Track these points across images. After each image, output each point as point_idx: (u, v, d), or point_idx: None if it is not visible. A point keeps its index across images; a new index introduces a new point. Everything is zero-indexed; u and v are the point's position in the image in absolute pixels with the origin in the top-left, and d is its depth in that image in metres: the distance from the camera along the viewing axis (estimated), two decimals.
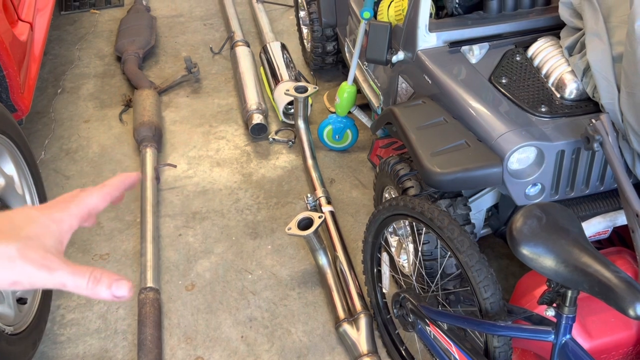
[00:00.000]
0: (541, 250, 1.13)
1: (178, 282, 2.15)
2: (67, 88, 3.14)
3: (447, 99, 1.79)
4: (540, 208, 1.19)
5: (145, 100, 2.81)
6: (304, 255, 2.23)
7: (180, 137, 2.81)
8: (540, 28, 1.93)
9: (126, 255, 2.25)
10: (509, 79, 1.78)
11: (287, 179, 2.58)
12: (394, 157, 1.91)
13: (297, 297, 2.09)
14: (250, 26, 3.59)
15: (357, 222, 2.37)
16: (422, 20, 1.90)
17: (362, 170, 2.61)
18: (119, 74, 3.22)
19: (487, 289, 1.39)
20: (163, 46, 3.47)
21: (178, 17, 3.74)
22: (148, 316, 1.93)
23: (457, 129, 1.72)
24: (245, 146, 2.75)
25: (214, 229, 2.35)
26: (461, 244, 1.43)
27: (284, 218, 2.38)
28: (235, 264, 2.21)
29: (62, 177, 2.60)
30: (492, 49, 1.89)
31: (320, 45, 2.93)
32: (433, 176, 1.61)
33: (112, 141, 2.79)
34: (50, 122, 2.91)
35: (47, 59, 3.33)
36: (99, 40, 3.53)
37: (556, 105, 1.70)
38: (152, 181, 2.46)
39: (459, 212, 1.75)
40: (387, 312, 1.87)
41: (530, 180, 1.63)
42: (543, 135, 1.61)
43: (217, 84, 3.15)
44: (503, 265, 2.14)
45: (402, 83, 2.07)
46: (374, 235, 1.79)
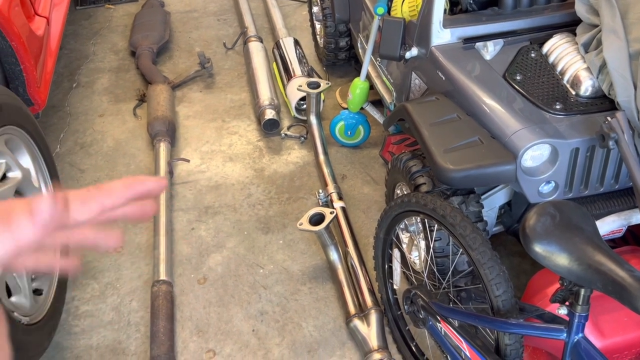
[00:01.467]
0: (554, 248, 1.12)
1: (190, 275, 2.17)
2: (82, 82, 3.17)
3: (461, 96, 1.79)
4: (554, 206, 1.18)
5: (159, 95, 2.83)
6: (315, 251, 2.24)
7: (193, 131, 2.83)
8: (555, 24, 1.91)
9: (139, 249, 2.28)
10: (523, 76, 1.77)
11: (298, 174, 2.59)
12: (406, 154, 1.91)
13: (308, 292, 2.10)
14: (263, 22, 3.60)
15: (368, 218, 2.37)
16: (436, 16, 1.89)
17: (373, 167, 2.61)
18: (133, 68, 3.25)
19: (499, 287, 1.38)
20: (177, 41, 3.49)
21: (192, 12, 3.76)
22: (161, 309, 1.95)
23: (470, 126, 1.71)
24: (257, 141, 2.76)
25: (226, 224, 2.37)
26: (473, 241, 1.43)
27: (295, 213, 2.39)
28: (247, 259, 2.23)
29: (76, 171, 2.63)
30: (507, 46, 1.87)
31: (333, 41, 2.93)
32: (446, 173, 1.61)
33: (126, 135, 2.81)
34: (65, 116, 2.94)
35: (63, 53, 3.36)
36: (114, 35, 3.55)
37: (571, 102, 1.68)
38: (166, 175, 2.48)
39: (472, 209, 1.74)
40: (398, 308, 1.88)
41: (543, 177, 1.62)
42: (557, 133, 1.60)
43: (230, 79, 3.17)
44: (515, 263, 2.13)
45: (415, 79, 2.07)
46: (385, 231, 1.79)
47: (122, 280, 2.16)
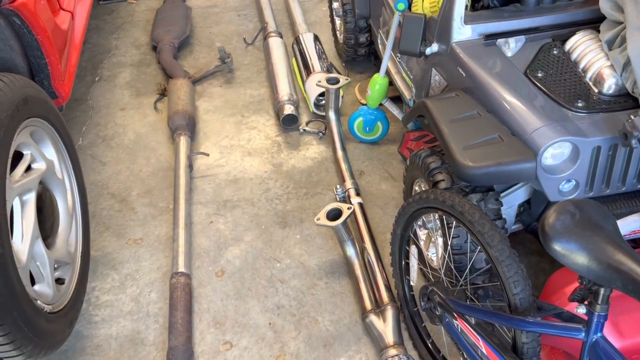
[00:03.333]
0: (574, 246, 1.11)
1: (208, 268, 2.20)
2: (105, 76, 3.22)
3: (481, 92, 1.78)
4: (574, 204, 1.17)
5: (180, 89, 2.86)
6: (332, 246, 2.25)
7: (213, 126, 2.85)
8: (578, 21, 1.89)
9: (159, 241, 2.31)
10: (545, 73, 1.75)
11: (316, 169, 2.60)
12: (425, 150, 1.90)
13: (325, 286, 2.11)
14: (283, 17, 3.61)
15: (385, 214, 2.37)
16: (458, 12, 1.88)
17: (391, 163, 2.61)
18: (155, 63, 3.29)
19: (517, 285, 1.38)
20: (198, 36, 3.51)
21: (213, 7, 3.78)
22: (179, 300, 1.98)
23: (490, 123, 1.70)
24: (276, 136, 2.78)
25: (244, 217, 2.39)
26: (492, 238, 1.42)
27: (312, 208, 2.40)
28: (264, 252, 2.25)
29: (98, 163, 2.67)
30: (529, 42, 1.86)
31: (353, 37, 2.93)
32: (465, 170, 1.60)
33: (147, 129, 2.85)
34: (88, 110, 2.99)
35: (86, 47, 3.41)
36: (136, 30, 3.60)
37: (593, 100, 1.67)
38: (185, 169, 2.51)
39: (490, 206, 1.73)
40: (414, 304, 1.88)
41: (564, 176, 1.60)
42: (579, 131, 1.58)
43: (250, 75, 3.19)
44: (533, 261, 2.12)
45: (436, 75, 2.06)
46: (403, 227, 1.79)
47: (141, 272, 2.19)
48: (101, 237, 2.33)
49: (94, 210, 2.43)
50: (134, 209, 2.45)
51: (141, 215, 2.42)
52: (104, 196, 2.51)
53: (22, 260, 1.61)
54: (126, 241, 2.32)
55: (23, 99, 1.67)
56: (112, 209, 2.45)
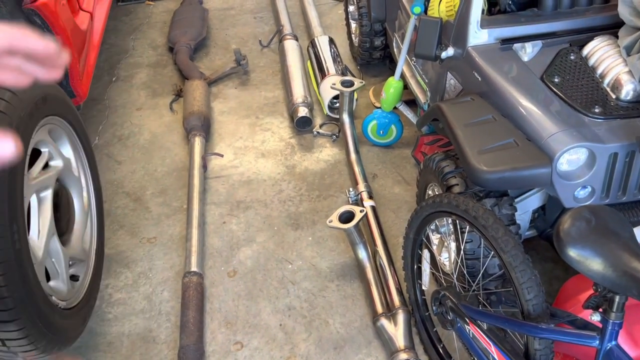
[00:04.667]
0: (589, 253, 1.10)
1: (221, 268, 2.21)
2: (122, 76, 3.25)
3: (497, 97, 1.77)
4: (590, 210, 1.16)
5: (195, 90, 2.88)
6: (344, 249, 2.24)
7: (227, 127, 2.87)
8: (597, 27, 1.87)
9: (172, 240, 2.32)
10: (561, 78, 1.74)
11: (329, 172, 2.60)
12: (439, 154, 1.90)
13: (336, 289, 2.11)
14: (299, 20, 3.62)
15: (398, 218, 2.36)
16: (474, 16, 1.87)
17: (405, 167, 2.60)
18: (171, 64, 3.32)
19: (531, 291, 1.37)
20: (214, 38, 3.54)
21: (229, 9, 3.81)
22: (191, 299, 1.99)
23: (505, 128, 1.69)
24: (289, 138, 2.79)
25: (257, 218, 2.40)
26: (505, 243, 1.41)
27: (325, 211, 2.41)
28: (276, 254, 2.25)
29: (114, 162, 2.70)
30: (545, 47, 1.85)
31: (368, 40, 2.93)
32: (479, 174, 1.60)
33: (162, 129, 2.88)
34: (104, 109, 3.02)
35: (104, 48, 3.45)
36: (153, 31, 3.63)
37: (611, 106, 1.65)
38: (200, 169, 2.52)
39: (504, 212, 1.72)
40: (426, 309, 1.87)
41: (580, 182, 1.59)
42: (595, 137, 1.57)
43: (265, 77, 3.20)
44: (547, 268, 2.10)
45: (451, 79, 2.05)
46: (415, 231, 1.78)
47: (154, 270, 2.21)
48: (115, 236, 2.35)
49: (109, 209, 2.45)
50: (148, 208, 2.47)
51: (155, 215, 2.44)
52: (119, 195, 2.53)
53: (38, 256, 1.63)
54: (140, 240, 2.34)
55: (42, 97, 1.69)
56: (127, 207, 2.48)
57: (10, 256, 1.44)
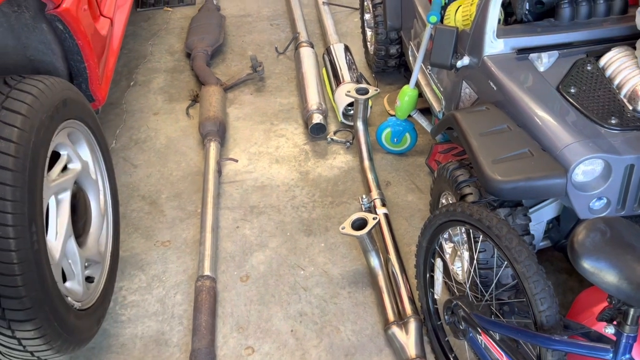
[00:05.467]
0: (604, 265, 1.10)
1: (233, 272, 2.22)
2: (139, 81, 3.30)
3: (512, 106, 1.77)
4: (605, 222, 1.16)
5: (212, 96, 2.91)
6: (356, 256, 2.25)
7: (242, 133, 2.89)
8: (614, 37, 1.86)
9: (186, 244, 2.35)
10: (578, 89, 1.73)
11: (343, 179, 2.61)
12: (453, 163, 1.90)
13: (348, 296, 2.11)
14: (315, 27, 3.65)
15: (411, 226, 2.36)
16: (490, 25, 1.88)
17: (419, 175, 2.60)
18: (188, 69, 3.35)
19: (544, 302, 1.36)
20: (231, 44, 3.58)
21: (246, 16, 3.85)
22: (204, 303, 2.01)
23: (520, 137, 1.69)
24: (304, 145, 2.80)
25: (270, 224, 2.41)
26: (519, 254, 1.41)
27: (338, 217, 2.41)
28: (288, 259, 2.26)
29: (130, 166, 2.73)
30: (562, 58, 1.84)
31: (384, 48, 2.94)
32: (493, 184, 1.59)
33: (178, 134, 2.91)
34: (122, 113, 3.06)
35: (122, 53, 3.50)
36: (171, 37, 3.68)
37: (628, 117, 1.64)
38: (214, 174, 2.55)
39: (519, 222, 1.72)
40: (438, 318, 1.86)
41: (595, 193, 1.58)
42: (611, 148, 1.56)
43: (280, 83, 3.23)
44: (561, 280, 2.08)
45: (466, 88, 2.06)
46: (428, 240, 1.78)
47: (168, 274, 2.23)
48: (130, 238, 2.38)
49: (125, 212, 2.48)
50: (163, 211, 2.50)
51: (170, 218, 2.47)
52: (135, 198, 2.57)
53: (55, 257, 1.66)
54: (154, 243, 2.36)
55: (62, 100, 1.73)
56: (142, 211, 2.51)
57: (28, 257, 1.47)
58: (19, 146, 1.48)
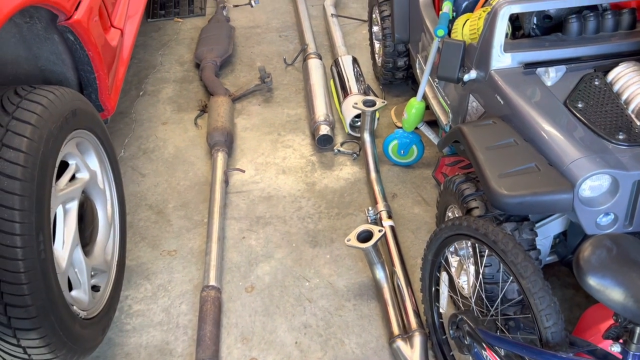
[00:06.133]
0: (609, 282, 1.09)
1: (239, 283, 2.23)
2: (149, 91, 3.33)
3: (519, 121, 1.77)
4: (611, 238, 1.15)
5: (220, 106, 2.93)
6: (362, 268, 2.24)
7: (250, 143, 2.91)
8: (622, 53, 1.86)
9: (192, 253, 2.35)
10: (585, 104, 1.73)
11: (349, 190, 2.61)
12: (459, 176, 1.90)
13: (353, 308, 2.11)
14: (323, 39, 3.67)
15: (417, 239, 2.36)
16: (498, 40, 1.88)
17: (425, 187, 2.60)
18: (197, 80, 3.38)
19: (549, 318, 1.35)
20: (239, 55, 3.60)
21: (255, 28, 3.88)
22: (208, 313, 2.01)
23: (527, 152, 1.69)
24: (310, 156, 2.81)
25: (276, 235, 2.41)
26: (525, 269, 1.40)
27: (343, 229, 2.41)
28: (293, 270, 2.26)
29: (138, 175, 2.75)
30: (569, 72, 1.84)
31: (392, 61, 2.95)
32: (500, 198, 1.59)
33: (186, 144, 2.93)
34: (131, 123, 3.09)
35: (132, 62, 3.54)
36: (181, 47, 3.72)
37: (635, 133, 1.63)
38: (221, 184, 2.56)
39: (525, 236, 1.71)
40: (443, 332, 1.85)
41: (602, 209, 1.57)
42: (619, 164, 1.55)
43: (288, 94, 3.24)
44: (568, 295, 2.06)
45: (473, 102, 2.06)
46: (434, 253, 1.78)
47: (173, 283, 2.24)
48: (137, 247, 2.39)
49: (132, 221, 2.50)
50: (170, 221, 2.51)
51: (176, 228, 2.48)
52: (142, 207, 2.58)
53: (61, 266, 1.67)
54: (160, 252, 2.37)
55: (72, 111, 1.75)
56: (149, 220, 2.52)
57: (35, 265, 1.48)
58: (28, 156, 1.50)
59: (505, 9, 1.85)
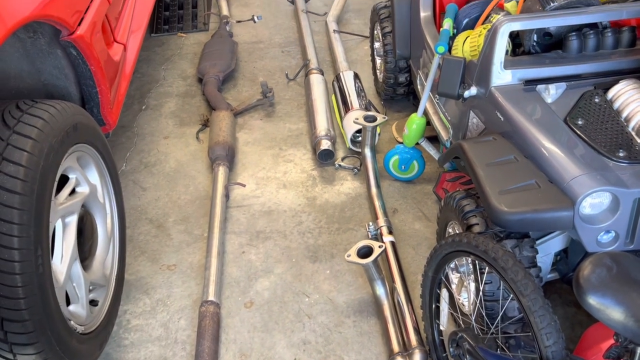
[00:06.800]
0: (609, 301, 1.08)
1: (238, 298, 2.21)
2: (151, 105, 3.35)
3: (519, 137, 1.76)
4: (611, 257, 1.14)
5: (222, 121, 2.94)
6: (362, 284, 2.23)
7: (251, 157, 2.91)
8: (622, 70, 1.86)
9: (191, 268, 2.34)
10: (585, 121, 1.73)
11: (350, 205, 2.61)
12: (460, 192, 1.89)
13: (352, 325, 2.09)
14: (325, 55, 3.69)
15: (418, 254, 2.34)
16: (498, 57, 1.89)
17: (426, 203, 2.59)
18: (199, 94, 3.40)
19: (550, 336, 1.34)
20: (242, 70, 3.63)
21: (258, 43, 3.91)
22: (207, 329, 2.00)
23: (527, 169, 1.68)
24: (311, 170, 2.81)
25: (276, 249, 2.40)
26: (525, 287, 1.39)
27: (344, 244, 2.40)
28: (293, 286, 2.25)
29: (139, 189, 2.75)
30: (570, 89, 1.84)
31: (393, 76, 2.97)
32: (500, 215, 1.58)
33: (187, 158, 2.93)
34: (133, 136, 3.10)
35: (135, 77, 3.56)
36: (184, 62, 3.74)
37: (636, 150, 1.63)
38: (222, 198, 2.56)
39: (525, 254, 1.70)
40: (443, 350, 1.83)
41: (603, 226, 1.56)
42: (619, 181, 1.55)
43: (290, 109, 3.25)
44: (570, 313, 2.05)
45: (473, 118, 2.06)
46: (434, 270, 1.77)
47: (172, 298, 2.23)
48: (136, 262, 2.38)
49: (132, 235, 2.49)
50: (170, 235, 2.50)
51: (176, 242, 2.47)
52: (142, 221, 2.58)
53: (59, 281, 1.66)
54: (160, 267, 2.36)
55: (73, 125, 1.75)
56: (149, 234, 2.52)
57: (32, 280, 1.48)
58: (28, 170, 1.50)
59: (505, 26, 1.86)
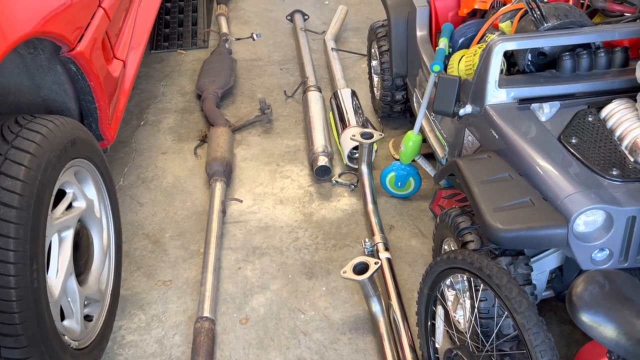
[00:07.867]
0: (602, 319, 1.08)
1: (233, 314, 2.21)
2: (150, 121, 3.37)
3: (514, 155, 1.78)
4: (604, 275, 1.15)
5: (220, 137, 2.96)
6: (358, 301, 2.23)
7: (248, 173, 2.92)
8: (615, 90, 1.89)
9: (187, 284, 2.34)
10: (579, 139, 1.74)
11: (346, 221, 2.61)
12: (455, 209, 1.90)
13: (348, 342, 2.08)
14: (323, 72, 3.73)
15: (414, 271, 2.34)
16: (492, 75, 1.91)
17: (422, 219, 2.60)
18: (198, 110, 3.42)
19: (544, 354, 1.34)
20: (241, 87, 3.66)
21: (257, 60, 3.95)
22: (202, 345, 1.99)
23: (522, 186, 1.69)
24: (308, 186, 2.82)
25: (272, 265, 2.40)
26: (519, 304, 1.39)
27: (340, 260, 2.40)
28: (289, 302, 2.24)
29: (136, 204, 2.76)
30: (563, 108, 1.86)
31: (390, 94, 3.00)
32: (494, 232, 1.59)
33: (185, 173, 2.94)
34: (131, 152, 3.11)
35: (135, 93, 3.59)
36: (183, 79, 3.77)
37: (629, 169, 1.64)
38: (219, 214, 2.56)
39: (520, 271, 1.70)
40: None
41: (597, 244, 1.57)
42: (613, 199, 1.56)
43: (288, 126, 3.27)
44: (565, 331, 2.04)
45: (469, 136, 2.08)
46: (430, 287, 1.77)
47: (167, 314, 2.22)
48: (132, 277, 2.38)
49: (128, 250, 2.49)
50: (166, 250, 2.50)
51: (172, 257, 2.47)
52: (139, 236, 2.58)
53: (54, 295, 1.66)
54: (156, 282, 2.36)
55: (71, 140, 1.77)
56: (145, 249, 2.51)
57: (27, 294, 1.48)
58: (25, 184, 1.51)
59: (500, 45, 1.89)
